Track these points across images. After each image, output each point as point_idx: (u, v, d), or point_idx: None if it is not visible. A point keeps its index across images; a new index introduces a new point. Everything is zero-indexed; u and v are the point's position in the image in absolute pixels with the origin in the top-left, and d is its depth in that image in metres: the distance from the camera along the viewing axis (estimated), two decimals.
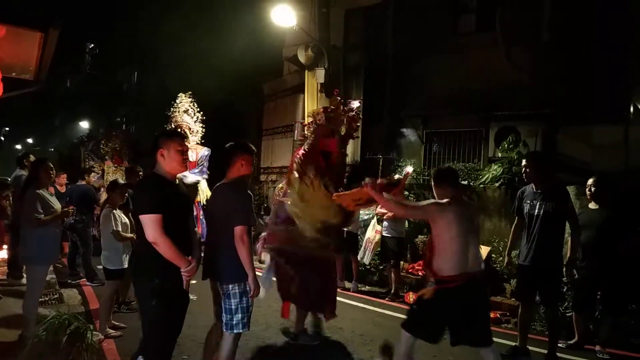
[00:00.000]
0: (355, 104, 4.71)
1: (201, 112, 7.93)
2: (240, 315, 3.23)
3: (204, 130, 7.94)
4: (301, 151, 4.48)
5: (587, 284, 4.73)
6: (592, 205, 4.80)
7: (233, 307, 3.22)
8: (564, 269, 4.41)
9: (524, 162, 4.46)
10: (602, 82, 7.01)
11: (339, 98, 4.68)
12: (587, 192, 4.78)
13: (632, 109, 7.02)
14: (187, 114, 7.82)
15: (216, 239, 3.33)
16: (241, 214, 3.19)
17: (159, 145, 2.90)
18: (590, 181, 4.79)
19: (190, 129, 7.70)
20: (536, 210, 4.27)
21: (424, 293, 3.30)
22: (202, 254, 3.43)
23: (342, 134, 4.62)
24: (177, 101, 7.92)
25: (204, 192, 7.29)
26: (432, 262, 3.24)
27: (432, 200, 3.35)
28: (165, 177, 2.93)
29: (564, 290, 5.26)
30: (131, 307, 5.31)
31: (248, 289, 3.21)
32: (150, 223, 2.74)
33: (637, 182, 6.08)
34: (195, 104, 7.89)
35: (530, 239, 4.31)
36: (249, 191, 3.38)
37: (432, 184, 3.47)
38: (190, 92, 7.96)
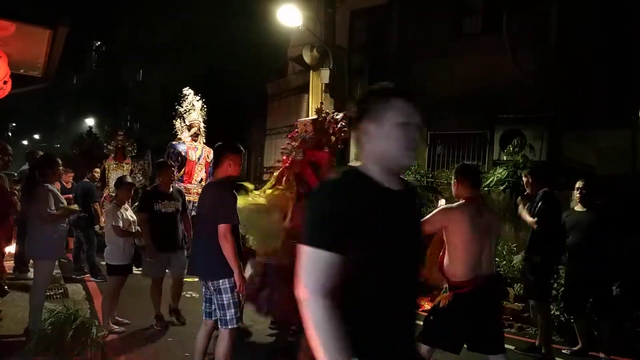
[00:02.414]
0: (340, 115, 4.71)
1: (205, 111, 7.91)
2: (233, 310, 3.32)
3: (205, 130, 7.91)
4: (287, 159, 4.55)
5: (577, 288, 4.71)
6: (578, 208, 4.78)
7: (225, 302, 3.31)
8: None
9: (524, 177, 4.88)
10: (610, 86, 6.98)
11: (327, 111, 4.80)
12: (577, 194, 4.76)
13: None
14: (199, 113, 7.77)
15: (203, 237, 3.41)
16: (225, 212, 3.29)
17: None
18: (579, 184, 4.75)
19: (199, 128, 7.65)
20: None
21: (438, 302, 3.18)
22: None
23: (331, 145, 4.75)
24: (188, 99, 7.81)
25: None
26: (444, 266, 3.14)
27: (438, 209, 3.21)
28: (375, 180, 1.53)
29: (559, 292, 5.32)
30: (180, 317, 4.97)
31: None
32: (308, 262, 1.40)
33: None
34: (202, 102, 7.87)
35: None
36: (234, 190, 3.44)
37: (453, 179, 3.27)
38: (189, 88, 7.89)
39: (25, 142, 35.54)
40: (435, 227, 3.16)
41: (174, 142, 7.81)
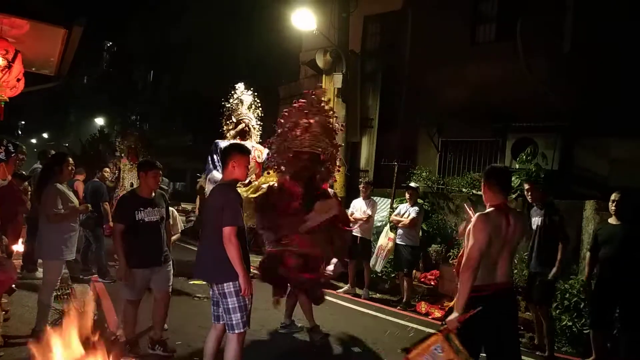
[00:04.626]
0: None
1: (260, 108, 7.11)
2: (239, 314, 3.26)
3: (260, 129, 7.38)
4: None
5: (606, 301, 4.62)
6: (612, 221, 4.69)
7: (231, 306, 3.26)
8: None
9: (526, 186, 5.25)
10: (624, 94, 6.89)
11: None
12: (611, 207, 4.66)
13: None
14: (249, 109, 7.05)
15: (208, 239, 3.37)
16: (230, 214, 3.22)
17: None
18: (614, 196, 4.65)
19: (253, 126, 6.96)
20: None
21: (452, 306, 3.11)
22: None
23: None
24: (238, 92, 7.05)
25: None
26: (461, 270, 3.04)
27: (476, 220, 2.98)
28: None
29: (581, 305, 5.24)
30: (167, 349, 4.22)
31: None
32: None
33: None
34: (257, 99, 7.09)
35: (530, 249, 5.13)
36: (238, 192, 3.38)
37: (483, 182, 3.15)
38: (247, 82, 7.21)
39: (34, 141, 35.81)
40: (487, 238, 2.92)
41: (218, 140, 6.93)
